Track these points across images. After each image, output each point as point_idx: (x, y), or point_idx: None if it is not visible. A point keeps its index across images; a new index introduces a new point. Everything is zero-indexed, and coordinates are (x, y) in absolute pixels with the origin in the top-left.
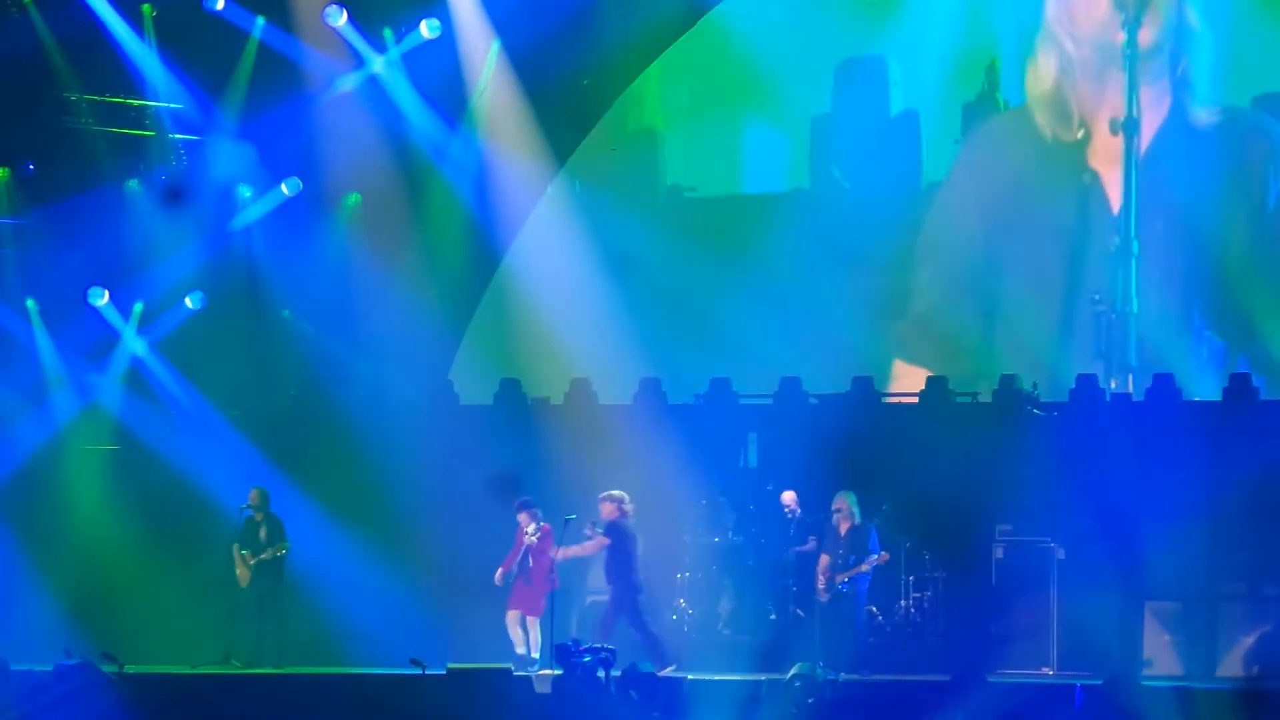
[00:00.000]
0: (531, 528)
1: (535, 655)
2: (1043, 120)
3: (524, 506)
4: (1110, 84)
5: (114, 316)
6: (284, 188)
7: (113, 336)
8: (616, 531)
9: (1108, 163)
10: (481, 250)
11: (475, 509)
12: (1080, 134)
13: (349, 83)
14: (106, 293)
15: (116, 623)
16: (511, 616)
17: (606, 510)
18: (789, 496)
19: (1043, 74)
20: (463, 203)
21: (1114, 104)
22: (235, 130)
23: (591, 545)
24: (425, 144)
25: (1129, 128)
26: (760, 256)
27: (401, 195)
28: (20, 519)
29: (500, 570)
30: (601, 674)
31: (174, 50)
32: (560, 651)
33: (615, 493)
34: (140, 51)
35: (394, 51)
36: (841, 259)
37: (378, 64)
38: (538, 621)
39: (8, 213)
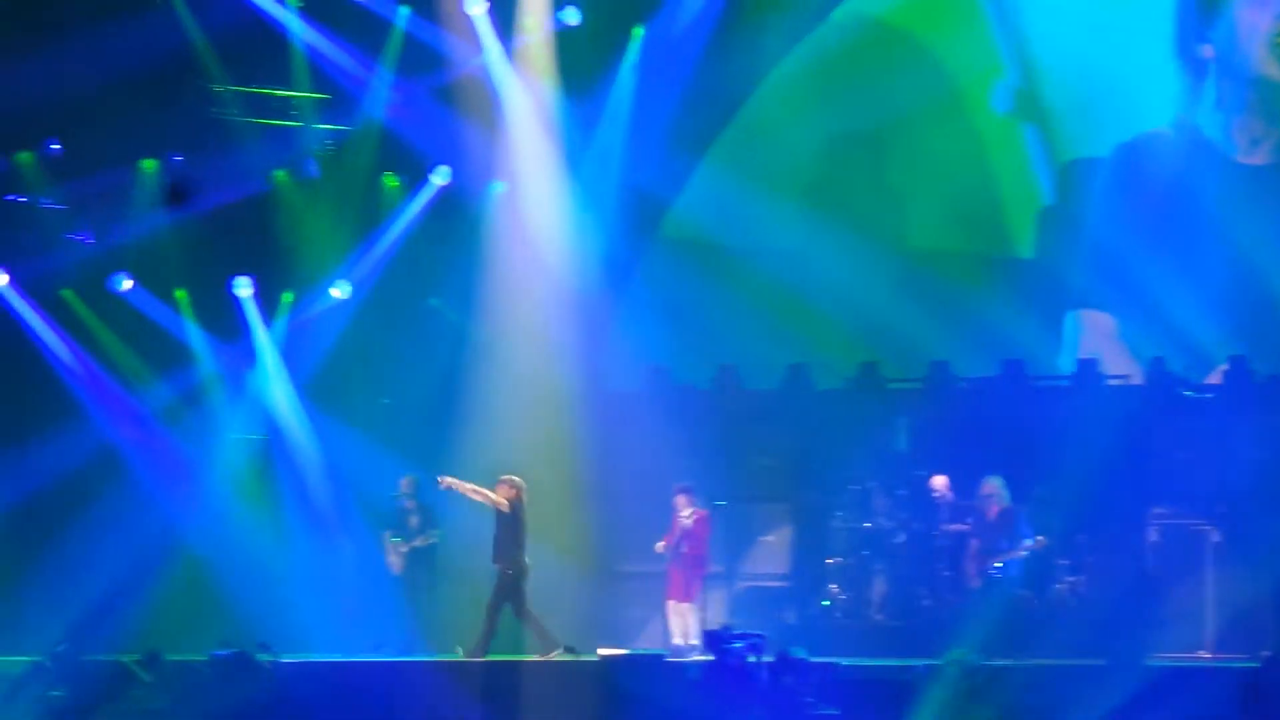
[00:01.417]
0: (687, 512)
1: (693, 641)
2: None
3: (682, 490)
4: None
5: (252, 308)
6: (434, 177)
7: (258, 326)
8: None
9: None
10: (628, 236)
11: (625, 494)
12: None
13: (491, 69)
14: (250, 283)
15: (269, 611)
16: (671, 604)
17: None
18: (940, 481)
19: None
20: (608, 189)
21: None
22: (382, 119)
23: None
24: (569, 129)
25: None
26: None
27: (546, 182)
28: (172, 509)
29: (661, 551)
30: (752, 659)
31: (319, 40)
32: (710, 638)
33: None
34: (287, 42)
35: (533, 36)
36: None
37: (518, 50)
38: (695, 607)
39: (155, 204)
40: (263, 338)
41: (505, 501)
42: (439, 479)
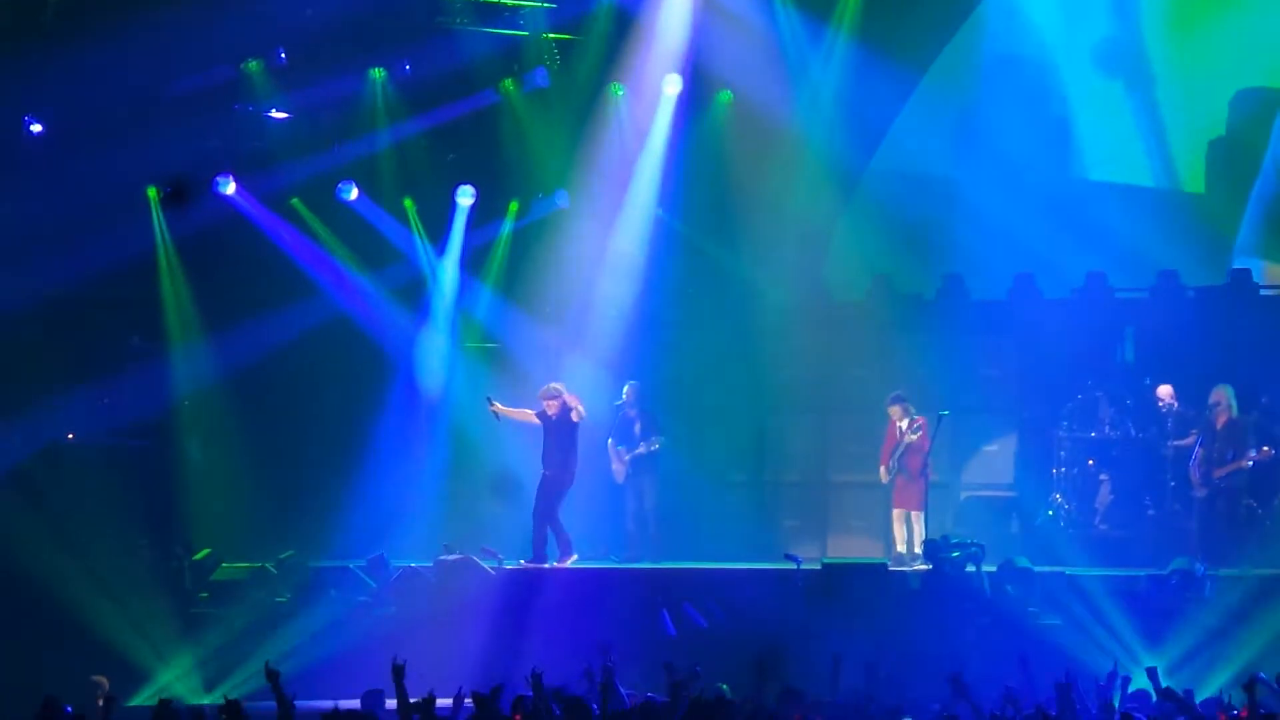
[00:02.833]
0: (905, 422)
1: (916, 550)
2: None
3: (896, 400)
4: None
5: (463, 218)
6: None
7: (458, 236)
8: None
9: None
10: (850, 147)
11: (845, 406)
12: None
13: None
14: (473, 192)
15: (490, 519)
16: (896, 514)
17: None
18: (1165, 390)
19: None
20: (830, 101)
21: None
22: (606, 30)
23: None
24: (794, 42)
25: None
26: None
27: (773, 93)
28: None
29: (882, 467)
30: (971, 569)
31: None
32: (929, 547)
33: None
34: None
35: None
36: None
37: None
38: (921, 516)
39: (386, 114)
40: (455, 247)
41: (540, 415)
42: (489, 404)
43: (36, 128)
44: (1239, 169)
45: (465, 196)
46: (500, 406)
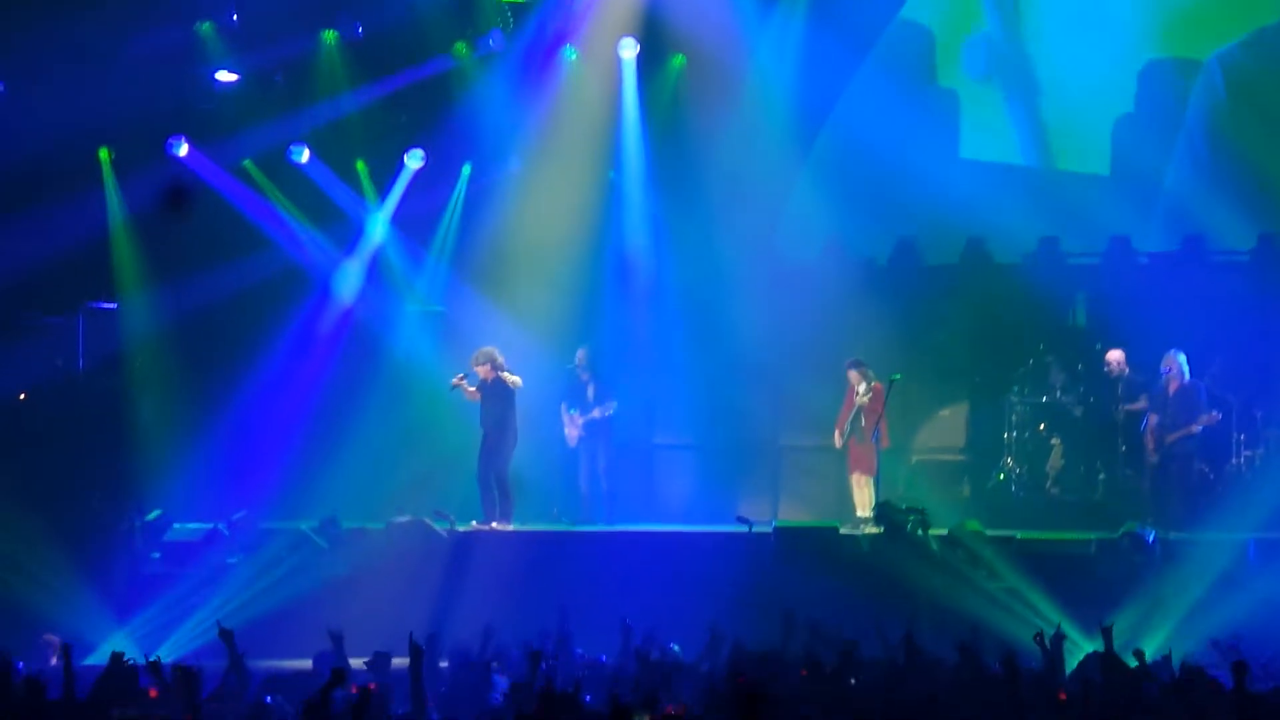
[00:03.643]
0: (862, 387)
1: (869, 514)
2: None
3: (854, 365)
4: None
5: (406, 180)
6: (621, 51)
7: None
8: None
9: None
10: (804, 111)
11: (799, 370)
12: None
13: None
14: (422, 155)
15: (451, 484)
16: (853, 479)
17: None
18: (1116, 355)
19: None
20: (784, 66)
21: None
22: None
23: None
24: (749, 5)
25: None
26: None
27: (727, 57)
28: (358, 380)
29: (837, 431)
30: (920, 533)
31: None
32: (880, 510)
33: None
34: None
35: None
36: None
37: None
38: (872, 480)
39: (339, 77)
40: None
41: (475, 390)
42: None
43: None
44: (1149, 146)
45: (415, 159)
46: (466, 387)
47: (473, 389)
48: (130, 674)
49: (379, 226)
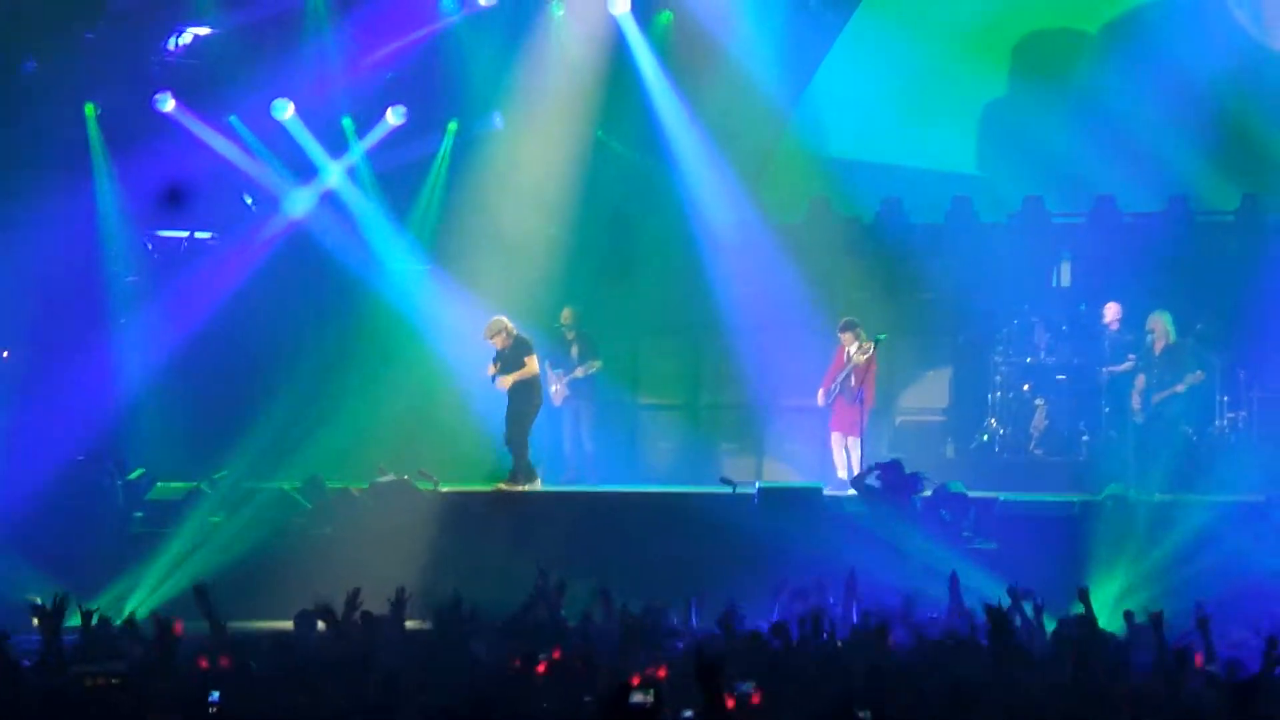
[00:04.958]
0: (855, 346)
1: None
2: None
3: (848, 327)
4: None
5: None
6: (610, 7)
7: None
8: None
9: None
10: (789, 70)
11: (786, 327)
12: None
13: None
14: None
15: (431, 442)
16: (835, 438)
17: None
18: (1112, 308)
19: None
20: (770, 27)
21: None
22: None
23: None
24: None
25: None
26: (1077, 75)
27: (714, 14)
28: (342, 339)
29: (821, 390)
30: (909, 493)
31: None
32: (866, 472)
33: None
34: None
35: None
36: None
37: None
38: (858, 442)
39: (325, 32)
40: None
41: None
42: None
43: None
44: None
45: (396, 115)
46: (501, 377)
47: (496, 366)
48: (109, 633)
49: (336, 169)
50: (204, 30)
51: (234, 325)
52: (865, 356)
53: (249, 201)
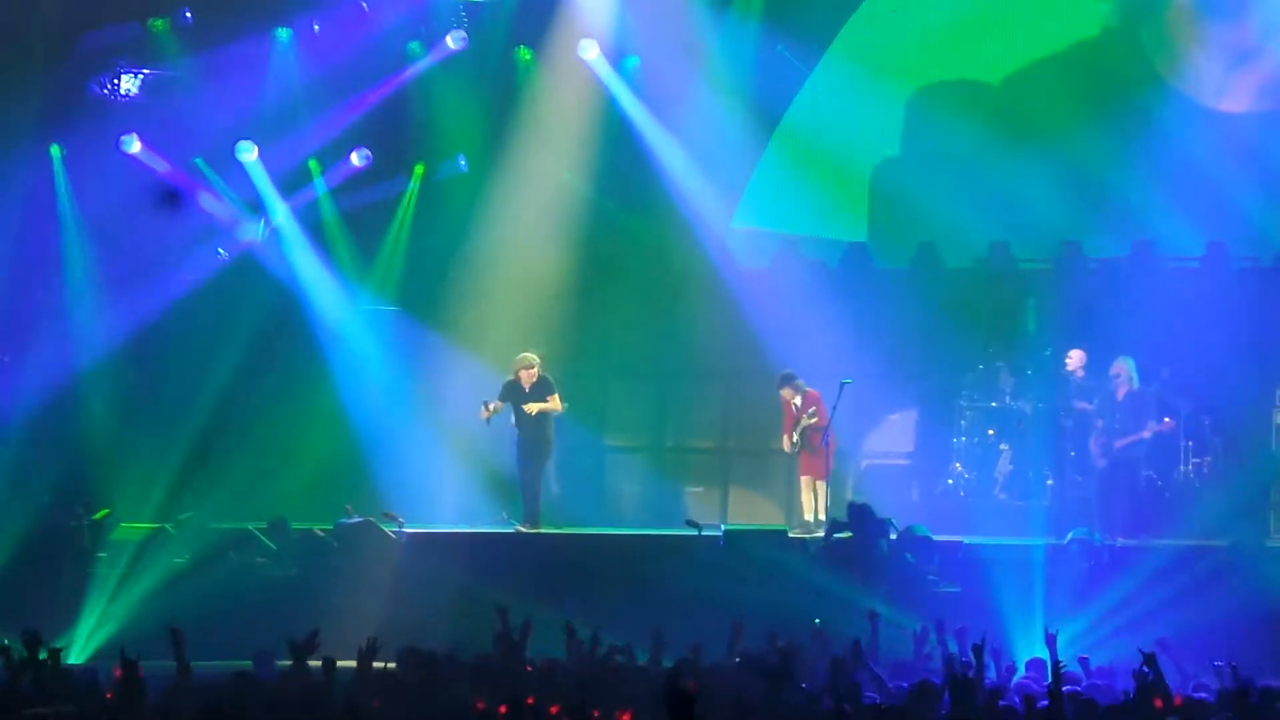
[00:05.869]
0: (797, 400)
1: (821, 518)
2: None
3: (785, 381)
4: None
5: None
6: (581, 52)
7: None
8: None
9: None
10: (758, 112)
11: (749, 374)
12: None
13: None
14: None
15: (388, 484)
16: (803, 481)
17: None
18: (1077, 355)
19: None
20: (743, 65)
21: None
22: None
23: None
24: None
25: None
26: (1040, 119)
27: (680, 59)
28: (307, 381)
29: (785, 437)
30: (874, 537)
31: None
32: (832, 516)
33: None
34: None
35: None
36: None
37: None
38: (824, 484)
39: (291, 75)
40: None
41: (511, 387)
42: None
43: None
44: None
45: (358, 158)
46: (490, 407)
47: (498, 404)
48: (68, 676)
49: (280, 212)
50: (164, 72)
51: (197, 365)
52: (814, 418)
53: (222, 253)
